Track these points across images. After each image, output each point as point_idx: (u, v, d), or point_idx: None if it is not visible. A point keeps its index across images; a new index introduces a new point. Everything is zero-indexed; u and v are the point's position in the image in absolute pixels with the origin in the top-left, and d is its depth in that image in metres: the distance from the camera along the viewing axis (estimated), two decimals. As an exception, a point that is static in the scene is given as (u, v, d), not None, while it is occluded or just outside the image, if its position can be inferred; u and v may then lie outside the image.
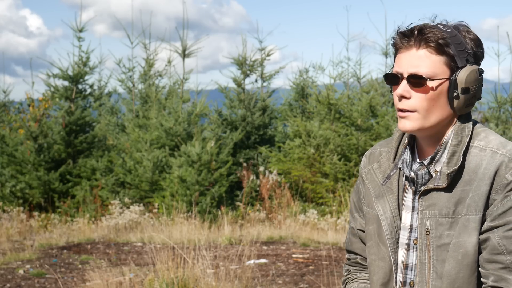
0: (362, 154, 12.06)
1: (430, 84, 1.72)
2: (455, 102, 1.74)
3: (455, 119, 1.79)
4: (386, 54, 15.29)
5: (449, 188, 1.74)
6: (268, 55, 13.91)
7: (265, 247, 7.71)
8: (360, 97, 13.12)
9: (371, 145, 11.84)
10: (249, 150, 12.79)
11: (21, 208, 10.65)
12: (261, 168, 11.13)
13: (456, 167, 1.72)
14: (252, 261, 6.64)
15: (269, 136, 13.49)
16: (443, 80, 1.73)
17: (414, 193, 1.84)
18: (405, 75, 1.75)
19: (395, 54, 1.80)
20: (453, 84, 1.72)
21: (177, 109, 11.67)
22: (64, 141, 11.91)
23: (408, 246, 1.83)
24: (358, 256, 2.04)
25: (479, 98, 1.78)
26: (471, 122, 1.80)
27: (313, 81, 16.77)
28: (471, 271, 1.72)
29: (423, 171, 1.81)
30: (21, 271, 6.35)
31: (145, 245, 7.56)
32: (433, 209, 1.76)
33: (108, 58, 46.59)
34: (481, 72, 1.75)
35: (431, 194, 1.77)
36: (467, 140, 1.76)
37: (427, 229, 1.77)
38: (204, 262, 5.19)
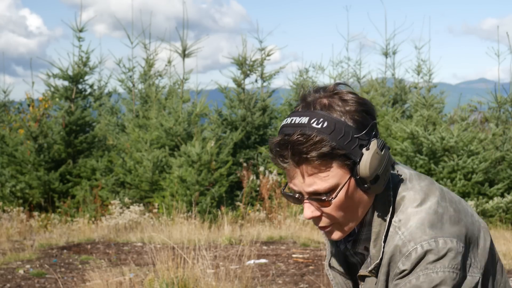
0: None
1: (336, 199, 1.52)
2: (370, 192, 1.55)
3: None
4: (386, 54, 15.30)
5: (376, 276, 1.61)
6: (268, 55, 13.92)
7: (265, 247, 7.71)
8: (360, 97, 13.12)
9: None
10: (249, 150, 12.79)
11: (21, 208, 10.65)
12: (261, 168, 11.13)
13: (378, 260, 1.58)
14: (252, 261, 6.64)
15: (269, 136, 13.48)
16: (346, 184, 1.52)
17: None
18: (305, 196, 1.54)
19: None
20: (359, 181, 1.51)
21: (177, 109, 11.67)
22: (64, 141, 11.91)
23: None
24: None
25: (393, 163, 1.59)
26: (391, 193, 1.59)
27: (313, 81, 16.78)
28: None
29: (351, 252, 1.71)
30: (21, 271, 6.35)
31: (145, 245, 7.56)
32: None
33: (108, 58, 46.64)
34: (381, 145, 1.52)
35: (366, 279, 1.65)
36: (389, 216, 1.58)
37: None
38: (204, 262, 5.19)
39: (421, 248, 1.48)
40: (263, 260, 6.86)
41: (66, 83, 12.33)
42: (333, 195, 1.51)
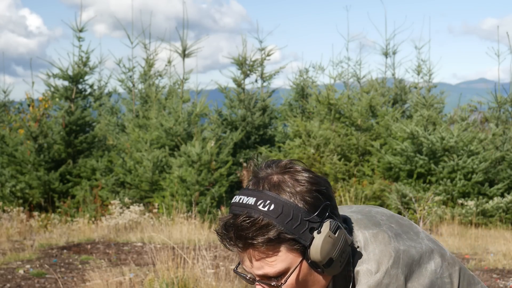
0: (362, 154, 12.06)
1: (286, 281, 1.45)
2: (325, 273, 1.47)
3: None
4: (386, 54, 15.30)
5: None
6: (268, 55, 13.92)
7: (265, 247, 7.71)
8: (360, 97, 13.13)
9: (371, 145, 11.83)
10: (249, 150, 12.79)
11: (21, 208, 10.64)
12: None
13: None
14: (252, 261, 6.64)
15: (269, 136, 13.49)
16: (298, 267, 1.44)
17: None
18: (256, 278, 1.48)
19: None
20: (312, 264, 1.44)
21: (177, 109, 11.67)
22: (64, 141, 11.91)
23: None
24: None
25: (351, 243, 1.49)
26: (351, 269, 1.52)
27: (313, 81, 16.78)
28: None
29: None
30: (21, 271, 6.35)
31: (145, 245, 7.56)
32: None
33: (108, 58, 46.64)
34: (335, 228, 1.44)
35: None
36: None
37: None
38: (204, 262, 5.19)
39: None
40: (263, 260, 6.86)
41: (66, 83, 12.34)
42: (283, 280, 1.45)
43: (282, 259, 1.43)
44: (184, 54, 12.01)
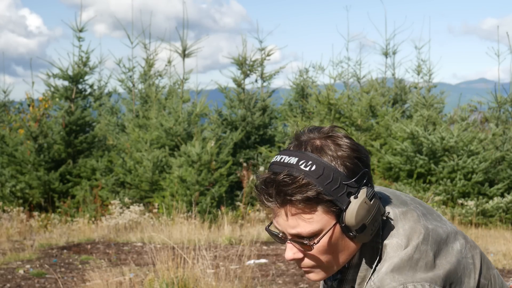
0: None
1: (319, 244, 1.49)
2: (356, 240, 1.51)
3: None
4: (386, 54, 15.30)
5: None
6: (268, 55, 13.92)
7: (265, 247, 7.71)
8: (360, 97, 13.13)
9: (371, 145, 11.84)
10: (249, 150, 12.79)
11: (21, 208, 10.65)
12: (261, 168, 11.13)
13: None
14: (252, 261, 6.64)
15: (269, 136, 13.49)
16: (331, 230, 1.48)
17: None
18: (288, 237, 1.51)
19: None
20: (344, 229, 1.48)
21: (177, 109, 11.67)
22: (64, 141, 11.91)
23: None
24: None
25: (383, 213, 1.53)
26: (379, 241, 1.55)
27: (313, 81, 16.80)
28: None
29: None
30: (21, 271, 6.35)
31: (145, 245, 7.56)
32: None
33: (108, 58, 46.65)
34: (371, 195, 1.48)
35: None
36: (375, 264, 1.55)
37: None
38: (204, 262, 5.19)
39: None
40: (263, 260, 6.86)
41: (66, 83, 12.34)
42: (316, 240, 1.48)
43: (317, 219, 1.46)
44: (184, 54, 12.01)
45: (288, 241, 1.52)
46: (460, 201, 10.57)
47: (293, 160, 1.46)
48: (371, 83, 15.20)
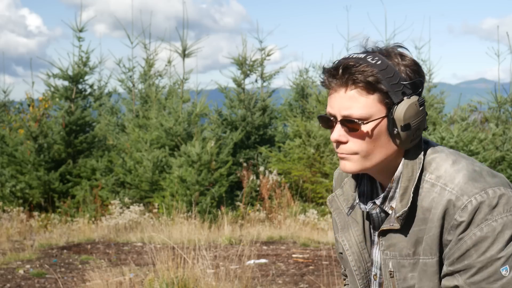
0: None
1: (366, 127, 1.60)
2: (397, 139, 1.62)
3: (403, 151, 1.68)
4: (386, 54, 15.30)
5: (405, 229, 1.66)
6: (268, 55, 13.92)
7: (265, 247, 7.71)
8: (360, 97, 13.13)
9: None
10: (249, 150, 12.79)
11: (21, 208, 10.65)
12: (261, 168, 11.13)
13: (406, 208, 1.63)
14: (252, 261, 6.64)
15: (269, 136, 13.49)
16: (379, 120, 1.60)
17: (375, 229, 1.78)
18: (339, 118, 1.62)
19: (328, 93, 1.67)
20: (391, 122, 1.60)
21: (177, 109, 11.67)
22: (64, 141, 11.91)
23: (380, 284, 1.79)
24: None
25: (425, 128, 1.65)
26: (422, 153, 1.67)
27: (313, 81, 16.77)
28: None
29: (377, 210, 1.73)
30: (21, 271, 6.35)
31: (145, 245, 7.56)
32: (393, 249, 1.69)
33: (108, 58, 46.64)
34: (421, 102, 1.62)
35: (390, 235, 1.69)
36: (418, 173, 1.65)
37: (390, 271, 1.71)
38: (204, 262, 5.19)
39: (475, 201, 1.57)
40: (263, 260, 6.86)
41: (66, 83, 12.33)
42: (363, 124, 1.60)
43: (370, 105, 1.59)
44: (184, 54, 12.01)
45: (338, 124, 1.63)
46: (460, 201, 10.57)
47: (362, 55, 1.62)
48: (371, 83, 15.19)
